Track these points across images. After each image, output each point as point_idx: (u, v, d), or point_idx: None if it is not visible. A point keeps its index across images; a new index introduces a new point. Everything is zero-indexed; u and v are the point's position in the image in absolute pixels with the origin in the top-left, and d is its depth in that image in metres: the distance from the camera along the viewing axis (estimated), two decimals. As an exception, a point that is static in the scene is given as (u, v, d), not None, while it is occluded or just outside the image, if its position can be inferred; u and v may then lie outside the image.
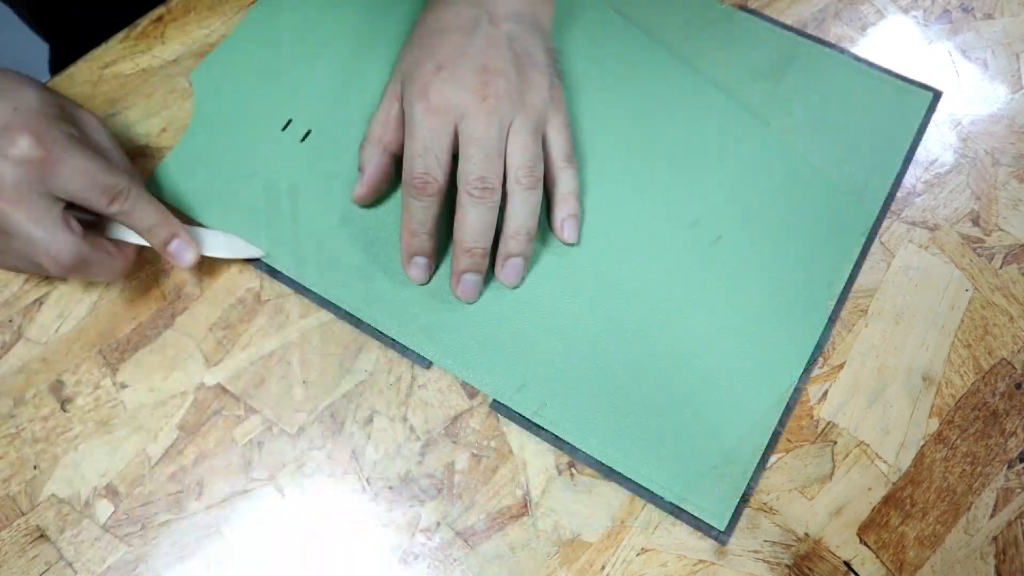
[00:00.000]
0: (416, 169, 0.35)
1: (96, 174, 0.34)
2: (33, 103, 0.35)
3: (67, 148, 0.34)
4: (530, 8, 0.41)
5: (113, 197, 0.34)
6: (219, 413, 0.37)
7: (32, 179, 0.33)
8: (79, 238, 0.34)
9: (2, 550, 0.34)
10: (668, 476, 0.35)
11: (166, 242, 0.36)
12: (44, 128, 0.34)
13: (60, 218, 0.34)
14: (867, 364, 0.38)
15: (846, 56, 0.45)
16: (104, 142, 0.38)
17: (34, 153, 0.33)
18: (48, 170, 0.33)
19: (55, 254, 0.33)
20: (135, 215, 0.35)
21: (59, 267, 0.34)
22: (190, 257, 0.37)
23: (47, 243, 0.33)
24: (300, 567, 0.34)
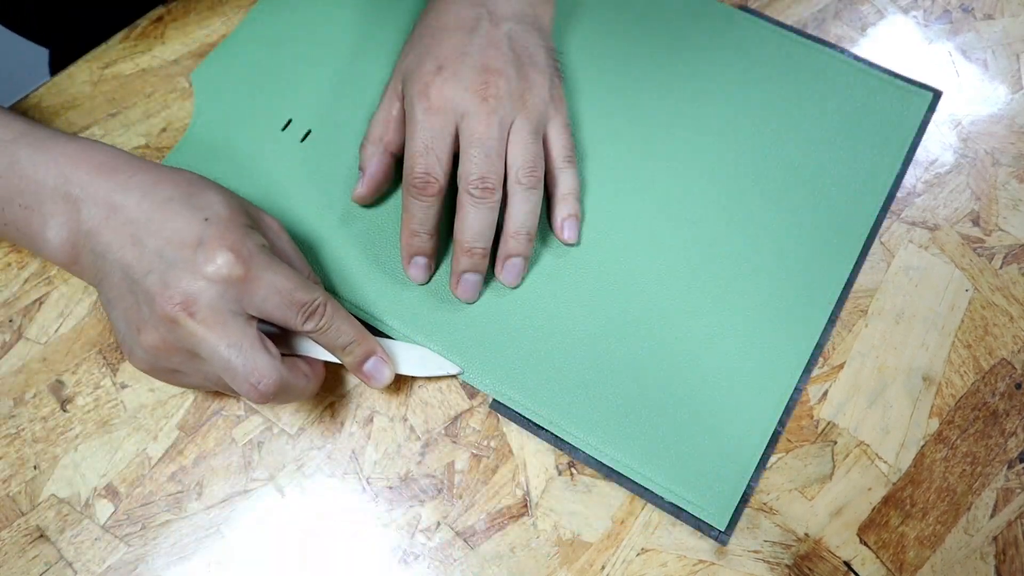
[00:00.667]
0: (417, 169, 0.35)
1: (293, 291, 0.31)
2: (223, 211, 0.32)
3: (264, 264, 0.31)
4: (531, 8, 0.41)
5: (309, 314, 0.32)
6: (219, 413, 0.37)
7: (229, 299, 0.31)
8: (278, 361, 0.31)
9: (2, 550, 0.34)
10: (668, 476, 0.35)
11: (362, 361, 0.34)
12: (240, 242, 0.31)
13: (258, 341, 0.31)
14: (867, 364, 0.38)
15: (846, 56, 0.45)
16: (288, 249, 0.36)
17: (234, 271, 0.30)
18: (246, 288, 0.31)
19: (256, 381, 0.30)
20: (330, 333, 0.33)
21: (259, 394, 0.31)
22: (387, 377, 0.35)
23: (247, 370, 0.30)
24: (300, 567, 0.34)
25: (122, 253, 0.31)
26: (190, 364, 0.32)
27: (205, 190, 0.33)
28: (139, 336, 0.31)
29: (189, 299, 0.30)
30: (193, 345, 0.31)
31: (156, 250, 0.31)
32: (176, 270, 0.30)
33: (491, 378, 0.37)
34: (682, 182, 0.41)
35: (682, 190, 0.41)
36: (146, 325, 0.31)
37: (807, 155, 0.42)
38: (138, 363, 0.33)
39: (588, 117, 0.43)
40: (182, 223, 0.31)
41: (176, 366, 0.32)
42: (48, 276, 0.39)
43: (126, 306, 0.32)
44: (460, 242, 0.36)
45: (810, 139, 0.42)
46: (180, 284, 0.30)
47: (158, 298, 0.30)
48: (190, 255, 0.31)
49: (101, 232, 0.32)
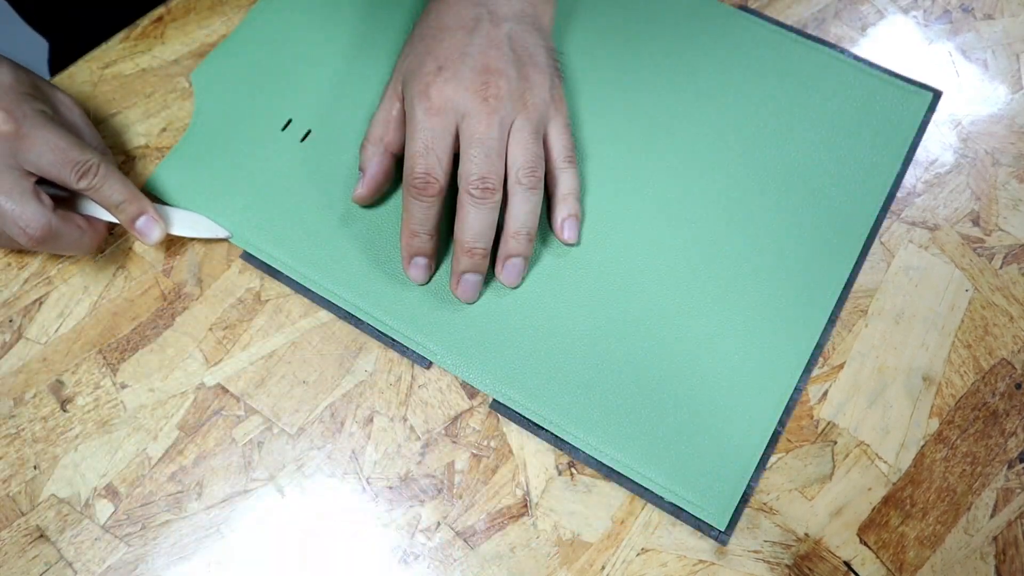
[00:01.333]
0: (417, 169, 0.35)
1: (66, 149, 0.35)
2: (5, 79, 0.36)
3: (38, 123, 0.35)
4: (531, 8, 0.41)
5: (82, 172, 0.35)
6: (219, 413, 0.37)
7: (4, 153, 0.34)
8: (49, 210, 0.35)
9: (2, 550, 0.34)
10: (668, 476, 0.35)
11: (134, 218, 0.37)
12: (15, 104, 0.35)
13: (30, 191, 0.34)
14: (867, 364, 0.38)
15: (846, 56, 0.45)
16: (77, 120, 0.39)
17: (4, 127, 0.34)
18: (19, 144, 0.34)
19: (24, 224, 0.34)
20: (104, 191, 0.36)
21: (29, 238, 0.34)
22: (157, 234, 0.38)
23: (17, 214, 0.34)
24: (300, 567, 0.34)
25: None
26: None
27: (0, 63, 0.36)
28: None
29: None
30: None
31: None
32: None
33: (491, 378, 0.37)
34: (682, 182, 0.41)
35: (682, 190, 0.41)
36: None
37: (807, 155, 0.42)
38: None
39: (588, 117, 0.43)
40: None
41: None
42: (48, 276, 0.40)
43: None
44: (460, 242, 0.36)
45: (810, 139, 0.42)
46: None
47: None
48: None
49: None
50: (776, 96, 0.44)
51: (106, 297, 0.39)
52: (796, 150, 0.42)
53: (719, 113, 0.43)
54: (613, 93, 0.44)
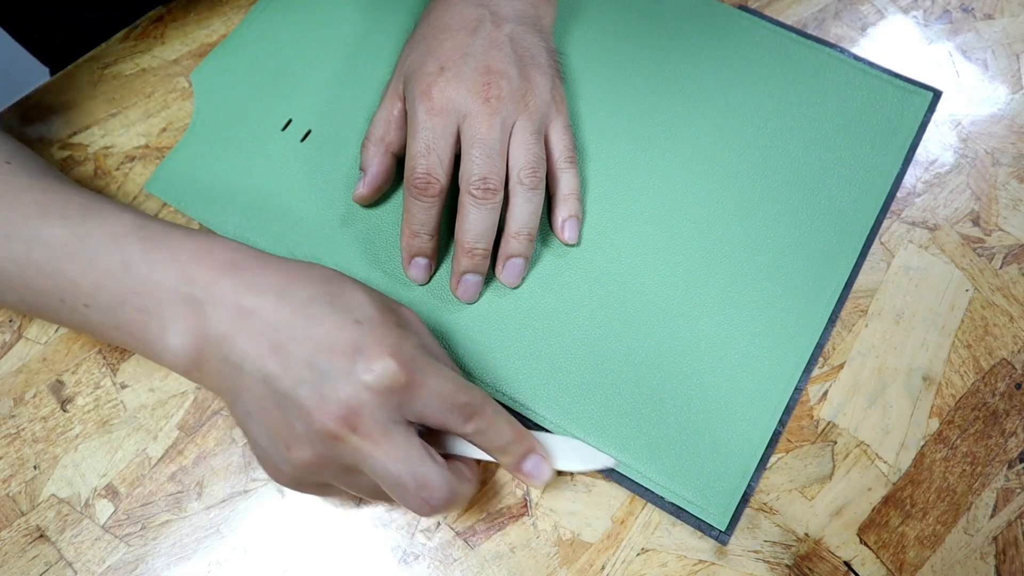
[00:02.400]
0: (418, 169, 0.35)
1: (453, 394, 0.29)
2: (373, 312, 0.30)
3: (424, 368, 0.29)
4: (532, 9, 0.41)
5: (469, 416, 0.30)
6: (219, 413, 0.37)
7: (391, 408, 0.28)
8: (447, 472, 0.29)
9: (2, 550, 0.34)
10: (668, 476, 0.35)
11: (521, 460, 0.32)
12: (399, 345, 0.29)
13: (424, 452, 0.28)
14: (867, 364, 0.38)
15: (846, 56, 0.45)
16: (431, 342, 0.33)
17: (398, 379, 0.28)
18: (408, 396, 0.29)
19: (428, 496, 0.28)
20: (490, 434, 0.30)
21: (431, 508, 0.28)
22: (547, 476, 0.32)
23: (419, 485, 0.28)
24: (300, 567, 0.34)
25: (262, 362, 0.28)
26: (345, 478, 0.30)
27: (347, 288, 0.30)
28: (289, 452, 0.29)
29: (351, 412, 0.27)
30: (356, 461, 0.28)
31: (305, 359, 0.28)
32: (333, 381, 0.28)
33: (491, 378, 0.37)
34: (682, 182, 0.41)
35: (682, 190, 0.41)
36: (299, 441, 0.28)
37: (807, 155, 0.42)
38: (283, 479, 0.30)
39: (589, 117, 0.43)
40: (331, 327, 0.29)
41: (328, 480, 0.30)
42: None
43: (271, 421, 0.29)
44: (461, 243, 0.36)
45: (810, 139, 0.42)
46: (339, 396, 0.27)
47: (316, 413, 0.27)
48: (347, 364, 0.28)
49: (234, 338, 0.29)
50: (776, 96, 0.44)
51: (106, 297, 0.39)
52: (796, 150, 0.42)
53: (719, 113, 0.43)
54: (613, 94, 0.44)
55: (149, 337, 0.30)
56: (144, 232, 0.31)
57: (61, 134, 0.43)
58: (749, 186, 0.41)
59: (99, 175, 0.42)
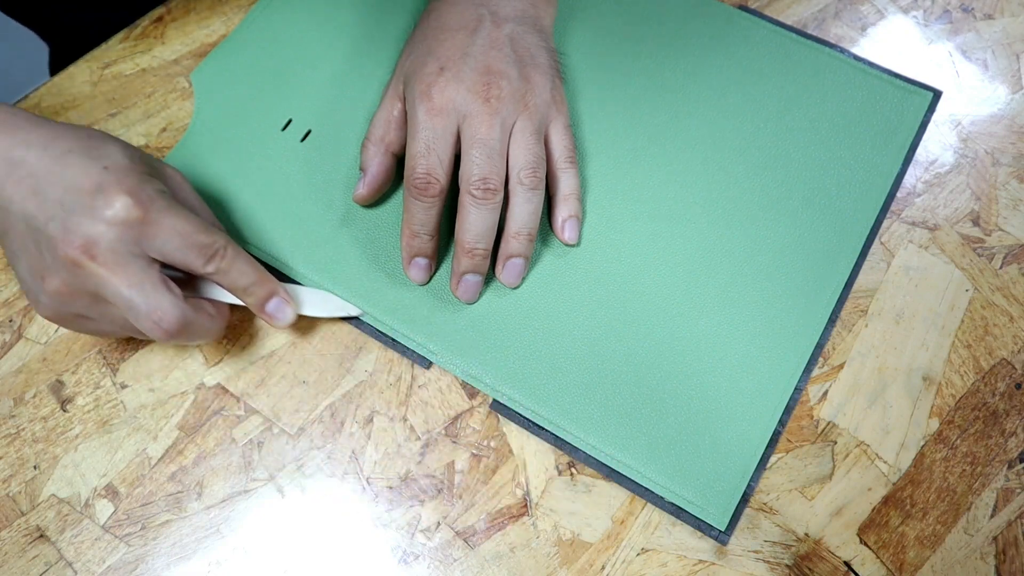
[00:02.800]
0: (418, 170, 0.35)
1: (193, 233, 0.32)
2: (122, 160, 0.33)
3: (163, 207, 0.32)
4: (532, 9, 0.41)
5: (210, 256, 0.33)
6: (219, 413, 0.37)
7: (128, 241, 0.31)
8: (181, 300, 0.32)
9: (2, 550, 0.34)
10: (668, 476, 0.35)
11: (264, 301, 0.35)
12: (139, 187, 0.32)
13: (160, 281, 0.32)
14: (867, 364, 0.38)
15: (846, 56, 0.45)
16: (190, 197, 0.36)
17: (132, 214, 0.31)
18: (144, 231, 0.31)
19: (158, 319, 0.31)
20: (232, 275, 0.34)
21: (163, 332, 0.32)
22: (288, 317, 0.35)
23: (149, 308, 0.31)
24: (300, 567, 0.34)
25: (23, 204, 0.32)
26: (95, 308, 0.33)
27: (105, 142, 0.34)
28: (43, 283, 0.32)
29: (89, 242, 0.31)
30: (95, 287, 0.31)
31: (56, 199, 0.31)
32: (76, 215, 0.31)
33: (491, 378, 0.37)
34: (682, 182, 0.41)
35: (682, 190, 0.41)
36: (49, 271, 0.32)
37: (807, 155, 0.42)
38: (43, 311, 0.33)
39: (589, 118, 0.43)
40: (80, 171, 0.32)
41: (81, 310, 0.33)
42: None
43: (29, 256, 0.32)
44: (461, 243, 0.36)
45: (810, 139, 0.42)
46: (80, 228, 0.31)
47: (60, 243, 0.31)
48: (89, 201, 0.31)
49: (3, 187, 0.32)
50: (776, 96, 0.44)
51: (106, 297, 0.39)
52: (796, 150, 0.42)
53: (719, 113, 0.43)
54: (613, 94, 0.44)
55: None
56: None
57: None
58: (749, 186, 0.41)
59: (99, 175, 0.42)
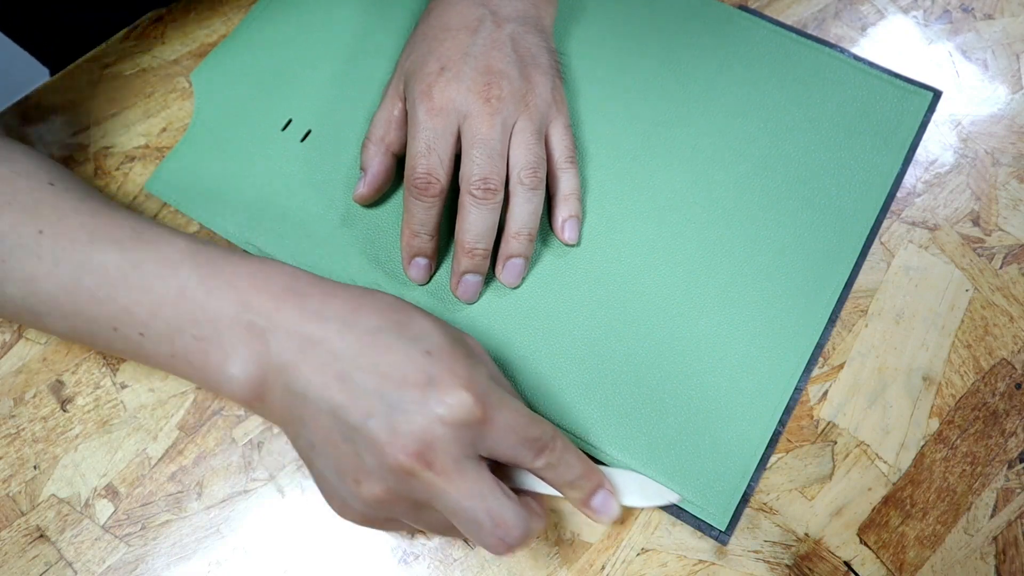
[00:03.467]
0: (418, 169, 0.35)
1: (525, 427, 0.28)
2: (443, 343, 0.29)
3: (497, 401, 0.28)
4: (533, 9, 0.41)
5: (540, 450, 0.29)
6: (219, 413, 0.37)
7: (466, 444, 0.27)
8: (521, 509, 0.28)
9: (2, 550, 0.34)
10: (668, 476, 0.35)
11: (590, 496, 0.30)
12: (471, 377, 0.28)
13: (498, 489, 0.27)
14: (867, 364, 0.38)
15: (846, 56, 0.45)
16: (498, 374, 0.32)
17: (474, 413, 0.27)
18: (482, 431, 0.27)
19: (503, 534, 0.27)
20: (560, 468, 0.29)
21: (507, 547, 0.27)
22: (615, 512, 0.31)
23: (494, 523, 0.27)
24: (300, 567, 0.34)
25: (329, 393, 0.27)
26: (414, 513, 0.29)
27: (414, 317, 0.29)
28: (358, 487, 0.28)
29: (425, 447, 0.26)
30: (429, 497, 0.27)
31: (374, 390, 0.27)
32: (405, 413, 0.27)
33: (491, 378, 0.37)
34: (682, 182, 0.41)
35: (682, 190, 0.41)
36: (369, 476, 0.27)
37: (807, 155, 0.42)
38: (351, 515, 0.29)
39: (589, 118, 0.43)
40: (400, 357, 0.28)
41: (398, 515, 0.29)
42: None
43: (339, 454, 0.28)
44: (461, 243, 0.36)
45: (810, 139, 0.42)
46: (413, 430, 0.26)
47: (388, 447, 0.26)
48: (419, 396, 0.27)
49: (298, 368, 0.28)
50: (776, 96, 0.44)
51: (106, 297, 0.39)
52: (796, 150, 0.42)
53: (719, 113, 0.43)
54: (614, 94, 0.44)
55: (209, 366, 0.29)
56: (200, 257, 0.30)
57: (61, 134, 0.43)
58: (749, 186, 0.41)
59: (99, 175, 0.42)
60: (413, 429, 0.26)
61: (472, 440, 0.27)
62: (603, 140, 0.43)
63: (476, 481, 0.27)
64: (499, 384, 0.31)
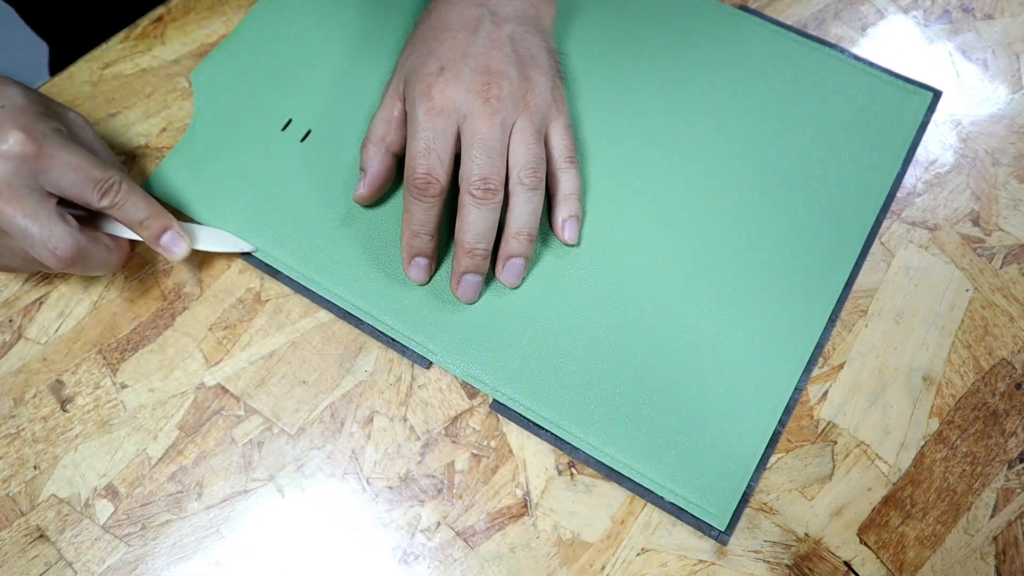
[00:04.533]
0: (418, 170, 0.35)
1: (87, 168, 0.34)
2: (19, 101, 0.35)
3: (57, 143, 0.34)
4: (532, 9, 0.41)
5: (104, 190, 0.34)
6: (219, 413, 0.37)
7: (24, 174, 0.33)
8: (76, 230, 0.34)
9: (2, 550, 0.34)
10: (668, 476, 0.35)
11: (158, 235, 0.36)
12: (33, 124, 0.34)
13: (55, 212, 0.33)
14: (867, 364, 0.38)
15: (846, 56, 0.45)
16: (90, 139, 0.38)
17: (25, 148, 0.33)
18: (39, 165, 0.33)
19: (53, 247, 0.33)
20: (127, 208, 0.35)
21: (58, 260, 0.33)
22: (183, 249, 0.37)
23: (45, 237, 0.33)
24: (300, 567, 0.34)
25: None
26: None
27: (6, 85, 0.35)
28: None
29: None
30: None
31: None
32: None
33: (491, 378, 0.37)
34: (683, 182, 0.41)
35: (682, 190, 0.41)
36: None
37: (807, 155, 0.42)
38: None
39: (589, 118, 0.43)
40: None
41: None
42: (48, 276, 0.39)
43: None
44: (461, 243, 0.36)
45: (810, 139, 0.42)
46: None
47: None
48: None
49: None
50: (776, 96, 0.44)
51: (106, 297, 0.39)
52: (796, 150, 0.42)
53: (719, 113, 0.43)
54: (614, 94, 0.44)
55: None
56: None
57: (61, 134, 0.43)
58: (749, 186, 0.41)
59: (99, 175, 0.42)
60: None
61: (31, 172, 0.33)
62: (603, 140, 0.43)
63: (33, 205, 0.33)
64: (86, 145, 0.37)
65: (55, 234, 0.33)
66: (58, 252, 0.33)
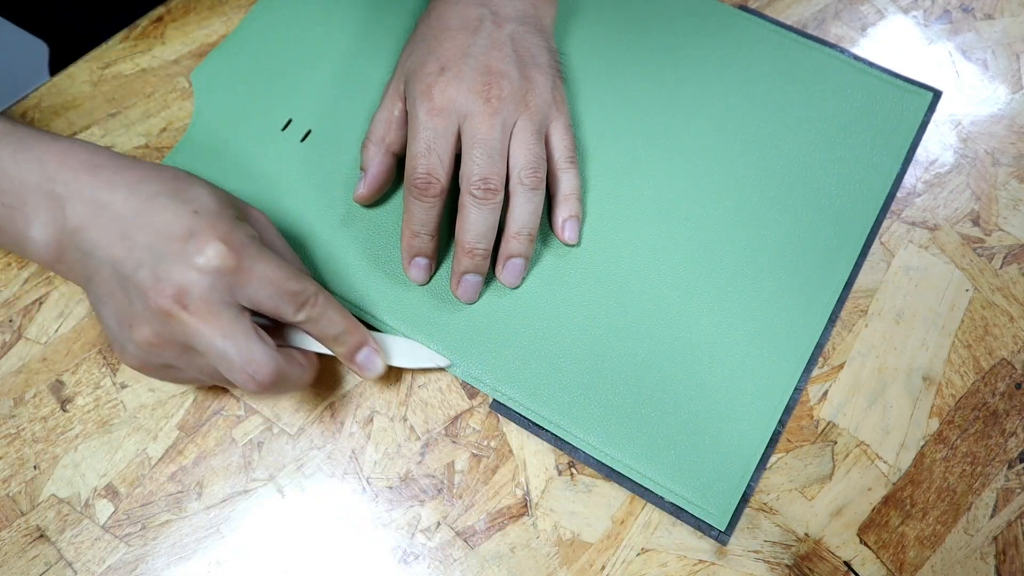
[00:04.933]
0: (419, 170, 0.35)
1: (283, 280, 0.31)
2: (211, 204, 0.32)
3: (255, 253, 0.31)
4: (533, 9, 0.41)
5: (301, 304, 0.32)
6: (219, 413, 0.37)
7: (221, 289, 0.30)
8: (273, 350, 0.31)
9: (2, 550, 0.34)
10: (668, 476, 0.35)
11: (353, 352, 0.34)
12: (231, 232, 0.31)
13: (252, 330, 0.31)
14: (867, 364, 0.38)
15: (846, 56, 0.45)
16: (277, 241, 0.36)
17: (226, 262, 0.30)
18: (238, 279, 0.31)
19: (253, 371, 0.30)
20: (322, 324, 0.33)
21: (256, 384, 0.30)
22: (379, 368, 0.35)
23: (244, 360, 0.30)
24: (300, 567, 0.34)
25: (111, 250, 0.31)
26: (184, 358, 0.32)
27: (192, 184, 0.33)
28: (131, 332, 0.31)
29: (182, 291, 0.30)
30: (187, 338, 0.30)
31: (146, 245, 0.31)
32: (167, 263, 0.30)
33: (491, 378, 0.37)
34: (683, 182, 0.41)
35: (683, 190, 0.41)
36: (138, 320, 0.31)
37: (807, 155, 0.42)
38: (130, 360, 0.32)
39: (589, 118, 0.43)
40: (170, 216, 0.31)
41: (169, 361, 0.32)
42: (48, 276, 0.39)
43: (116, 303, 0.31)
44: (461, 243, 0.36)
45: (810, 139, 0.42)
46: (172, 276, 0.30)
47: (150, 292, 0.30)
48: (180, 247, 0.30)
49: (88, 229, 0.31)
50: (776, 96, 0.44)
51: (106, 297, 0.39)
52: (796, 150, 0.42)
53: (719, 113, 0.43)
54: (614, 94, 0.44)
55: (16, 230, 0.33)
56: (13, 136, 0.33)
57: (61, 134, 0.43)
58: (749, 186, 0.41)
59: (99, 175, 0.42)
60: (172, 275, 0.30)
61: (228, 287, 0.30)
62: (603, 140, 0.43)
63: (230, 323, 0.30)
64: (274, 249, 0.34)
65: (255, 357, 0.30)
66: (258, 376, 0.30)
